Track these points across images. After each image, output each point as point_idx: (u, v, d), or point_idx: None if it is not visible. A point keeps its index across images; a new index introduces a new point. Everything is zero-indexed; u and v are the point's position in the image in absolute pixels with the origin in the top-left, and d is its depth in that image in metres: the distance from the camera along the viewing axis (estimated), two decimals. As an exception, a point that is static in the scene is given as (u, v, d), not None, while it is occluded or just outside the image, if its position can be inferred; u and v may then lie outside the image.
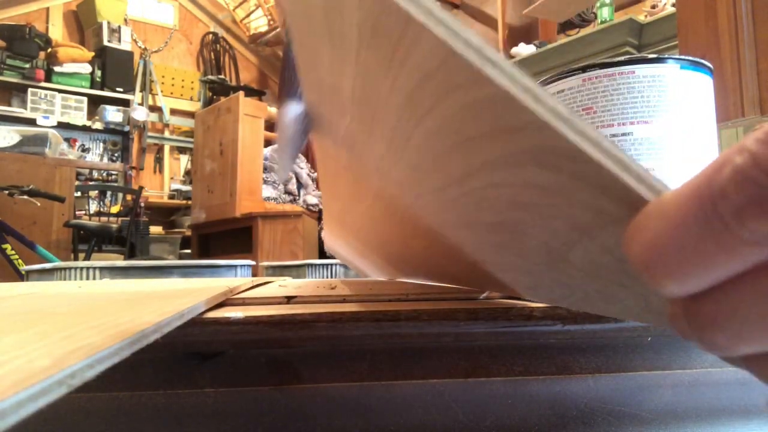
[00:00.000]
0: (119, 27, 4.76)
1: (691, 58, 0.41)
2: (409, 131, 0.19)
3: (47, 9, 4.73)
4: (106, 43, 4.65)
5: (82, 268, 1.29)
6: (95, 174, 4.80)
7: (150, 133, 5.06)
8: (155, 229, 4.51)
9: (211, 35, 5.45)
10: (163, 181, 5.15)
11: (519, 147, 0.14)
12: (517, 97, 0.13)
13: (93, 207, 4.29)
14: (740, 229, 0.11)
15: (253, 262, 1.53)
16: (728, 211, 0.11)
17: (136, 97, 4.92)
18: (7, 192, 2.68)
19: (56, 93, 4.49)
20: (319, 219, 3.01)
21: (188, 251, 3.74)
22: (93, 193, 4.48)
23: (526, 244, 0.18)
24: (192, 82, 5.31)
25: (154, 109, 5.10)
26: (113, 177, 4.88)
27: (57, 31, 4.73)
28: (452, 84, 0.14)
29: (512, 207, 0.17)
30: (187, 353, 0.31)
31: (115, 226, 3.25)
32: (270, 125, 3.22)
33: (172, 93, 5.23)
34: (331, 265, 1.58)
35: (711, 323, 0.12)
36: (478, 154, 0.16)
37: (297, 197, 3.07)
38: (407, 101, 0.17)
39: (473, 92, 0.14)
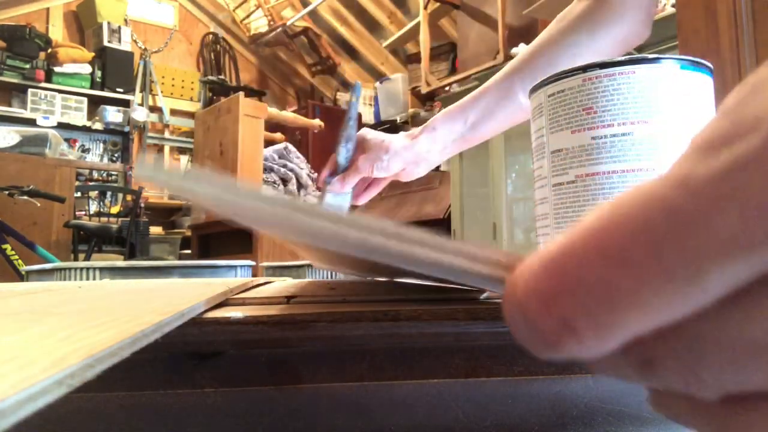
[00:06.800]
0: (119, 27, 4.76)
1: (691, 58, 0.41)
2: None
3: (47, 9, 4.73)
4: (106, 43, 4.65)
5: (82, 269, 1.29)
6: (95, 174, 4.80)
7: (150, 134, 5.06)
8: (155, 230, 4.51)
9: (211, 36, 5.45)
10: (163, 182, 5.14)
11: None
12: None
13: (93, 207, 4.29)
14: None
15: (252, 263, 1.53)
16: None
17: (136, 98, 4.92)
18: (7, 192, 2.68)
19: (56, 93, 4.49)
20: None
21: (188, 252, 3.74)
22: (93, 194, 4.48)
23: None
24: (192, 83, 5.31)
25: (154, 109, 5.09)
26: (113, 177, 4.87)
27: (57, 32, 4.73)
28: None
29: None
30: (187, 353, 0.31)
31: (115, 226, 3.25)
32: (270, 125, 3.22)
33: (172, 93, 5.23)
34: (331, 265, 1.58)
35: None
36: None
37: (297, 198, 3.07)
38: None
39: None
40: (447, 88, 3.47)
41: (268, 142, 3.14)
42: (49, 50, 4.47)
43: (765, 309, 0.10)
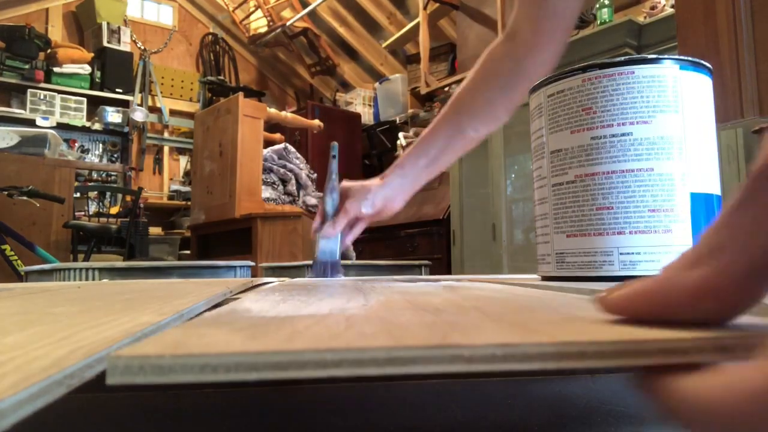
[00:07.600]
0: (119, 28, 4.76)
1: (690, 58, 0.41)
2: None
3: (47, 10, 4.72)
4: (105, 43, 4.65)
5: (81, 269, 1.29)
6: (94, 175, 4.80)
7: (149, 134, 5.06)
8: (154, 230, 4.50)
9: (210, 36, 5.45)
10: (163, 182, 5.15)
11: None
12: None
13: (92, 208, 4.29)
14: None
15: (252, 263, 1.53)
16: None
17: (135, 98, 4.92)
18: (6, 193, 2.68)
19: (56, 94, 4.49)
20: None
21: (187, 252, 3.74)
22: (92, 194, 4.48)
23: None
24: (191, 83, 5.31)
25: (153, 110, 5.09)
26: (112, 178, 4.87)
27: (56, 32, 4.73)
28: None
29: None
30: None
31: (114, 226, 3.25)
32: (269, 126, 3.22)
33: (171, 94, 5.23)
34: (331, 265, 1.58)
35: None
36: None
37: (296, 198, 3.07)
38: None
39: None
40: (446, 89, 3.47)
41: (268, 143, 3.14)
42: (49, 51, 4.47)
43: None
